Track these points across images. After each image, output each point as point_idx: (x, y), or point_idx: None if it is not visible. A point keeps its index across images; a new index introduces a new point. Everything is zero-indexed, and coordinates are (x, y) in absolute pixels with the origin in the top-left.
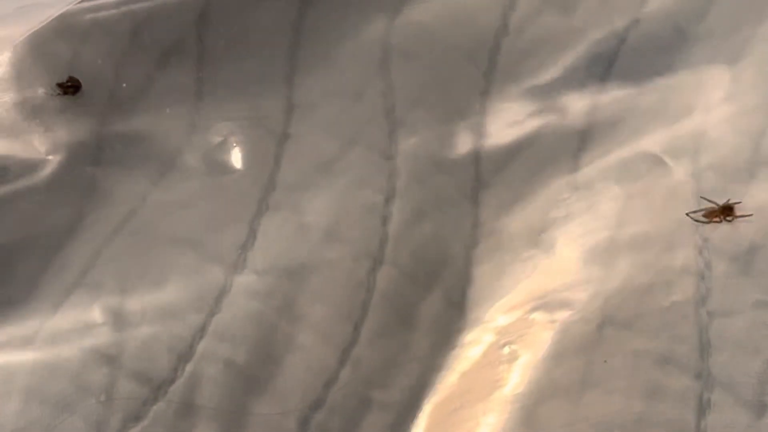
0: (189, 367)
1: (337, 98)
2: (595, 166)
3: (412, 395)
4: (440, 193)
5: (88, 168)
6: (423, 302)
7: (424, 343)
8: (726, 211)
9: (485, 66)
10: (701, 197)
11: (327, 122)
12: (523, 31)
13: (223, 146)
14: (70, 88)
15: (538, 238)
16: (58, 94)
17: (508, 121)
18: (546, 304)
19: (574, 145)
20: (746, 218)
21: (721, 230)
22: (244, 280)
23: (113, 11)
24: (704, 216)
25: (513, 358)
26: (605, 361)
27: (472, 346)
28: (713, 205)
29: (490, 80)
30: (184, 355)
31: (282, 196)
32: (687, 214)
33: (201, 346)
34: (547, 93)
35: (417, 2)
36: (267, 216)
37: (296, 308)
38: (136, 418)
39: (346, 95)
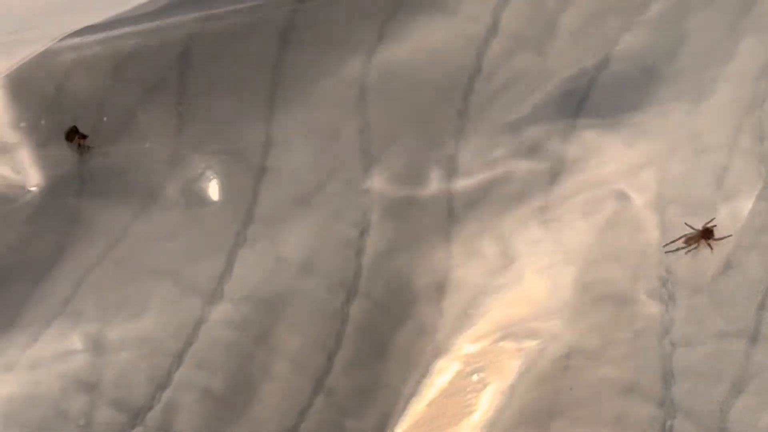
0: (166, 395)
1: (314, 135)
2: (564, 199)
3: (383, 423)
4: (414, 228)
5: (71, 199)
6: (395, 333)
7: (396, 372)
8: (706, 234)
9: (459, 105)
10: (685, 223)
11: (304, 157)
12: (497, 71)
13: (202, 179)
14: (81, 137)
15: (507, 268)
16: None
17: (480, 158)
18: (514, 333)
19: (544, 180)
20: (712, 247)
21: (684, 262)
22: (222, 310)
23: (96, 48)
24: (684, 242)
25: (482, 385)
26: (571, 389)
27: (442, 373)
28: (692, 231)
29: (463, 118)
30: (162, 383)
31: (259, 228)
32: (664, 247)
33: (178, 375)
34: (519, 130)
35: (393, 43)
36: (244, 248)
37: (272, 338)
38: None
39: (324, 132)
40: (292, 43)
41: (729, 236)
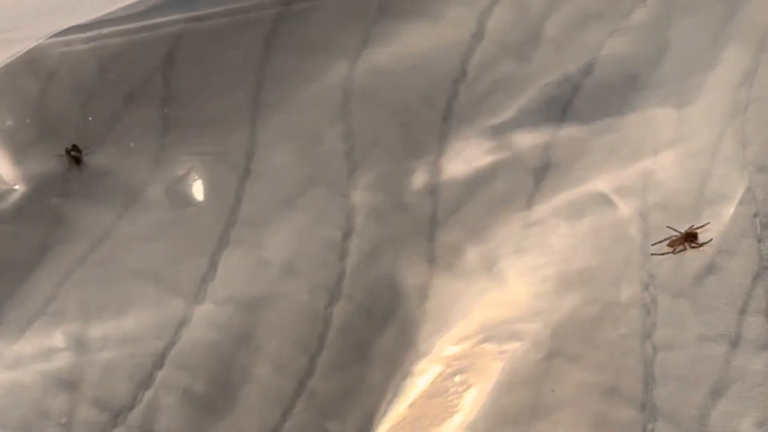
0: (148, 395)
1: (298, 138)
2: (548, 203)
3: (365, 424)
4: (397, 231)
5: (54, 199)
6: (378, 336)
7: (378, 374)
8: (690, 238)
9: (443, 110)
10: (667, 227)
11: (288, 160)
12: (481, 77)
13: (186, 180)
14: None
15: (490, 271)
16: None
17: (464, 162)
18: (496, 335)
19: (528, 184)
20: (696, 251)
21: (666, 267)
22: (204, 311)
23: (82, 47)
24: (668, 245)
25: (464, 387)
26: (553, 392)
27: (424, 375)
28: (676, 234)
29: (447, 123)
30: (144, 382)
31: (242, 230)
32: (652, 246)
33: (160, 375)
34: (503, 135)
35: (378, 47)
36: (227, 250)
37: (254, 340)
38: None
39: (308, 135)
40: (276, 46)
41: (710, 241)
